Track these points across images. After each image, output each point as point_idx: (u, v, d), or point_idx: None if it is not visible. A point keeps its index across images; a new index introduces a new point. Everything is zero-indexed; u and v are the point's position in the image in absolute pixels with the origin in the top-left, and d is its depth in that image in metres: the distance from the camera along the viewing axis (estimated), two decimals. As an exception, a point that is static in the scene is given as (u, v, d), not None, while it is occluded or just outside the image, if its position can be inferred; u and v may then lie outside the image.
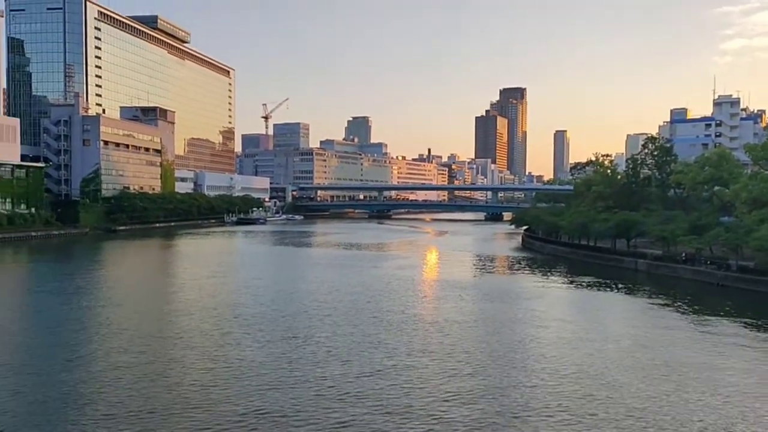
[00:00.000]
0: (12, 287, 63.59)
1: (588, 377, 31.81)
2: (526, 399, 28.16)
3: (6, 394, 28.04)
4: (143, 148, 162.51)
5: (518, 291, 61.06)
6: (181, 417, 25.56)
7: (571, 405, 27.58)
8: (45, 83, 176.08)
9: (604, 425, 25.41)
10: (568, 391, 29.32)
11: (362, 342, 38.18)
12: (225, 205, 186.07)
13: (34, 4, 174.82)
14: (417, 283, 65.32)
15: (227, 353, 35.54)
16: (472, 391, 29.26)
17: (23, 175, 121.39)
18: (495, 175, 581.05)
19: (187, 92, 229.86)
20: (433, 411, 26.54)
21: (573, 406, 27.51)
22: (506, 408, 27.06)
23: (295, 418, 25.61)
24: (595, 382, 30.99)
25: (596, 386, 30.28)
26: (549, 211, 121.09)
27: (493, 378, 31.36)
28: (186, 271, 75.68)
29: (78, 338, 39.14)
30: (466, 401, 27.80)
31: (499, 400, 27.96)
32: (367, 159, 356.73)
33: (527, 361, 34.74)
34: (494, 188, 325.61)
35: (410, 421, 25.47)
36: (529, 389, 29.60)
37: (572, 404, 27.70)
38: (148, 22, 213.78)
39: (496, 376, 31.74)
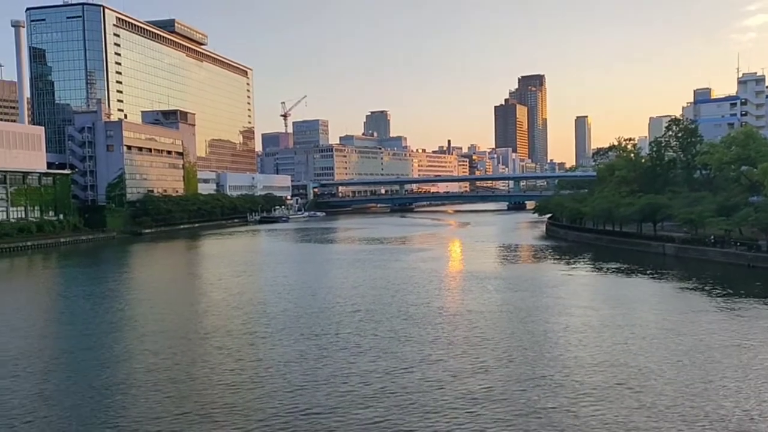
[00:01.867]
0: (44, 292, 64.85)
1: (617, 365, 31.46)
2: (555, 390, 27.85)
3: (40, 399, 28.57)
4: (165, 151, 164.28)
5: (543, 279, 60.62)
6: (213, 417, 25.64)
7: (601, 394, 27.28)
8: (67, 91, 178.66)
9: (636, 414, 25.03)
10: (597, 381, 28.96)
11: (389, 337, 38.19)
12: (247, 205, 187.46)
13: (55, 13, 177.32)
14: (441, 276, 65.20)
15: (256, 352, 35.80)
16: (501, 383, 29.08)
17: (50, 183, 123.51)
18: (516, 164, 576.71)
19: (206, 94, 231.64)
20: (463, 405, 26.40)
21: (603, 395, 27.20)
22: (535, 400, 26.81)
23: (327, 415, 25.53)
24: (624, 370, 30.61)
25: (626, 374, 29.91)
26: (572, 198, 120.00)
27: (521, 369, 31.17)
28: (212, 271, 76.46)
29: (109, 341, 39.77)
30: (495, 394, 27.61)
31: (528, 392, 27.70)
32: (387, 153, 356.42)
33: (555, 351, 34.50)
34: (516, 177, 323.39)
35: (441, 415, 25.36)
36: (557, 380, 29.30)
37: (602, 393, 27.40)
38: (165, 26, 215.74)
39: (524, 367, 31.55)
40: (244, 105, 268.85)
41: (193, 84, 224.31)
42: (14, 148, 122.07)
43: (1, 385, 30.41)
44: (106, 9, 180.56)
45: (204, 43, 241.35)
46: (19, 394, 29.04)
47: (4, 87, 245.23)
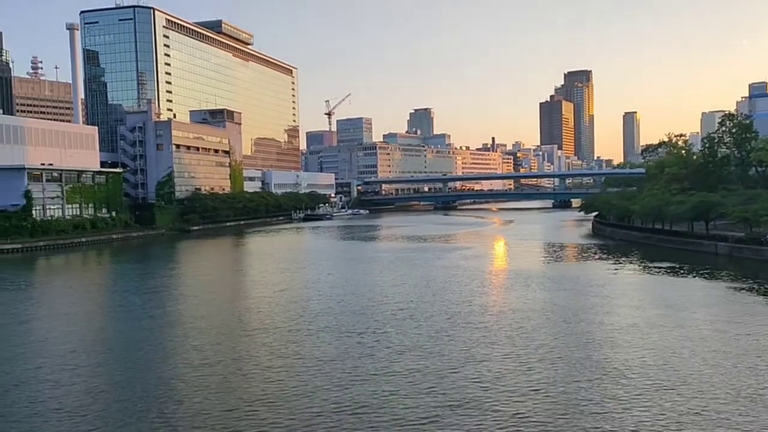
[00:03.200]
0: (97, 287, 67.10)
1: (665, 368, 30.66)
2: (601, 394, 27.31)
3: (90, 394, 29.47)
4: (212, 149, 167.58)
5: (589, 278, 59.49)
6: (258, 414, 25.85)
7: (649, 399, 26.58)
8: (119, 92, 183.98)
9: (685, 421, 24.31)
10: (644, 385, 28.20)
11: (432, 336, 38.11)
12: (292, 203, 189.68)
13: (107, 16, 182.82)
14: (484, 274, 64.71)
15: (299, 349, 36.14)
16: (546, 385, 28.63)
17: (103, 181, 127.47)
18: (562, 162, 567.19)
19: (252, 93, 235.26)
20: (508, 405, 26.16)
21: (650, 400, 26.50)
22: (580, 404, 26.35)
23: (373, 414, 25.47)
24: (672, 373, 29.78)
25: (674, 378, 29.11)
26: (620, 196, 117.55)
27: (566, 371, 30.68)
28: (257, 267, 77.72)
29: (157, 336, 40.88)
30: (539, 397, 27.25)
31: (573, 395, 27.23)
32: (431, 151, 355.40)
33: (601, 352, 33.83)
34: (561, 174, 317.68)
35: (486, 415, 25.22)
36: (603, 383, 28.69)
37: (649, 398, 26.70)
38: (212, 26, 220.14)
39: (569, 368, 31.06)
40: (289, 103, 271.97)
41: (239, 83, 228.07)
42: (70, 148, 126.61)
43: (56, 378, 31.61)
44: (156, 11, 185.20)
45: (250, 43, 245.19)
46: (73, 387, 30.11)
47: (60, 88, 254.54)
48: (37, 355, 35.68)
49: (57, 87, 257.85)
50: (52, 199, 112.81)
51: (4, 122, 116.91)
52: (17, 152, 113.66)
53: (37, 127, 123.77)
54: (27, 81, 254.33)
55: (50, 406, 27.13)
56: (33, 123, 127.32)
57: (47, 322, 45.48)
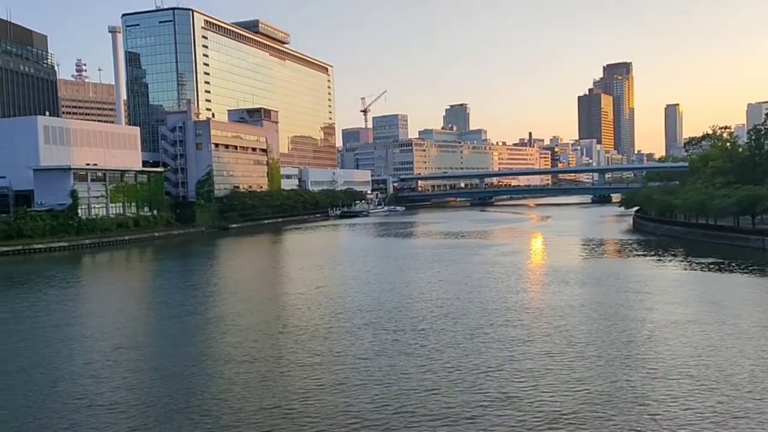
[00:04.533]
0: (141, 284, 68.91)
1: (707, 367, 30.01)
2: (641, 392, 26.86)
3: (132, 390, 30.33)
4: (250, 148, 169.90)
5: (630, 275, 58.46)
6: (299, 411, 26.03)
7: (689, 400, 26.02)
8: (160, 92, 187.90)
9: (731, 426, 23.77)
10: (685, 385, 27.68)
11: (471, 333, 37.99)
12: (328, 200, 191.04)
13: (148, 18, 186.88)
14: (521, 271, 64.18)
15: (339, 346, 36.37)
16: (586, 382, 28.32)
17: (145, 180, 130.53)
18: (601, 156, 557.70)
19: (288, 91, 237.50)
20: (549, 404, 25.97)
21: (691, 401, 25.94)
22: (620, 401, 26.02)
23: (415, 412, 25.36)
24: (714, 373, 29.13)
25: (715, 378, 28.45)
26: (662, 190, 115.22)
27: (606, 368, 30.31)
28: (294, 264, 78.59)
29: (196, 332, 41.77)
30: (580, 394, 26.99)
31: (613, 393, 26.89)
32: (467, 146, 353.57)
33: (640, 350, 33.29)
34: (600, 169, 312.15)
35: (527, 413, 25.10)
36: (642, 383, 28.22)
37: (690, 399, 26.15)
38: (250, 26, 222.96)
39: (609, 365, 30.67)
40: (325, 101, 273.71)
41: (276, 82, 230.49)
42: (113, 148, 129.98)
43: (98, 373, 32.61)
44: (194, 12, 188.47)
45: (286, 42, 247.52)
46: (113, 383, 31.02)
47: (104, 90, 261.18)
48: (86, 351, 36.85)
49: (100, 89, 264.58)
50: (96, 198, 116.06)
51: (50, 124, 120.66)
52: (63, 153, 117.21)
53: (82, 128, 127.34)
54: (72, 83, 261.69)
55: (95, 401, 28.00)
56: (78, 124, 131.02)
57: (94, 318, 46.94)
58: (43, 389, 29.65)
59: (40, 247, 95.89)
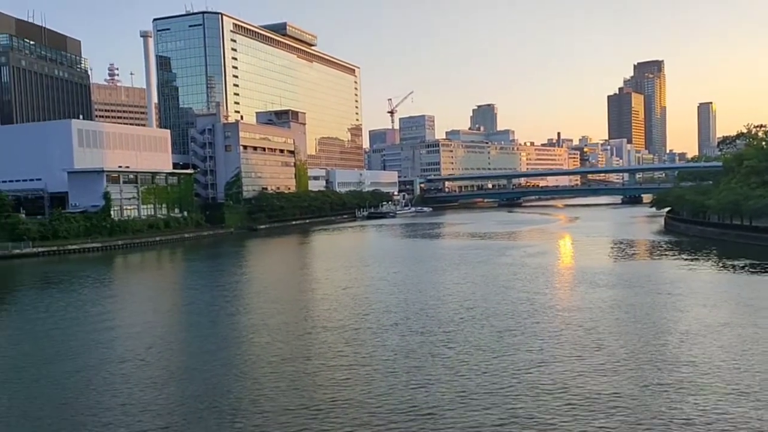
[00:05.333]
0: (172, 284, 70.04)
1: (740, 370, 29.40)
2: (673, 397, 26.46)
3: (164, 391, 30.86)
4: (278, 149, 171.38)
5: (661, 277, 57.55)
6: (327, 414, 26.04)
7: (721, 404, 25.57)
8: (190, 95, 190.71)
9: (764, 420, 23.33)
10: (717, 389, 27.20)
11: (499, 335, 37.77)
12: (356, 201, 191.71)
13: (178, 22, 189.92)
14: (549, 272, 63.60)
15: (367, 348, 36.43)
16: (618, 386, 28.02)
17: (176, 182, 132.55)
18: (631, 156, 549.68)
19: (315, 93, 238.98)
20: (578, 410, 25.71)
21: (723, 405, 25.49)
22: (651, 406, 25.67)
23: (445, 416, 25.19)
24: (746, 376, 28.55)
25: (748, 381, 27.88)
26: (694, 190, 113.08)
27: (637, 372, 29.89)
28: (322, 265, 79.00)
29: (229, 333, 42.33)
30: (611, 398, 26.67)
31: (645, 398, 26.55)
32: (494, 147, 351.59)
33: (673, 353, 32.77)
34: (631, 169, 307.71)
35: (555, 419, 24.91)
36: (674, 386, 27.79)
37: (722, 403, 25.69)
38: (277, 29, 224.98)
39: (640, 369, 30.24)
40: (351, 103, 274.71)
41: (303, 84, 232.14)
42: (144, 150, 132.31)
43: (131, 372, 33.24)
44: (223, 16, 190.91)
45: (314, 44, 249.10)
46: (144, 382, 31.59)
47: (135, 93, 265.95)
48: (119, 351, 37.59)
49: (132, 92, 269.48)
50: (128, 200, 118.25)
51: (84, 127, 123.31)
52: (96, 155, 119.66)
53: (114, 131, 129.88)
54: (104, 87, 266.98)
55: (128, 401, 28.54)
56: (110, 127, 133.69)
57: (127, 318, 47.80)
58: (78, 388, 30.35)
59: (74, 247, 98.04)
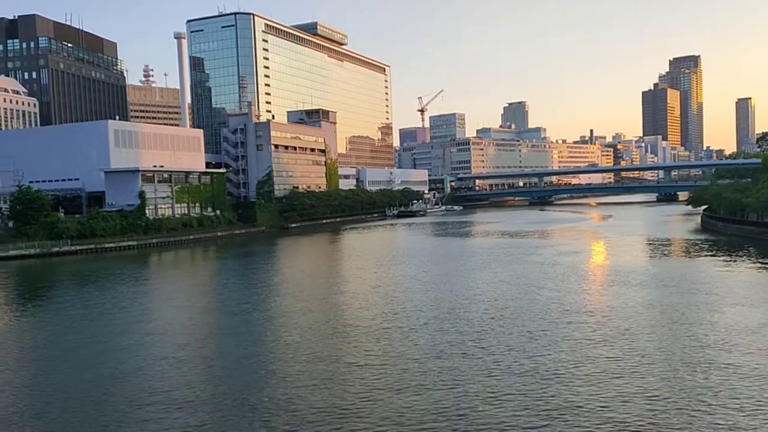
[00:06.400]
0: (206, 281, 71.08)
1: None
2: (710, 401, 26.04)
3: (198, 388, 31.37)
4: (309, 148, 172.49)
5: (697, 276, 56.39)
6: (362, 413, 26.19)
7: (759, 408, 25.02)
8: (222, 95, 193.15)
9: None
10: (756, 393, 26.62)
11: (531, 336, 37.53)
12: (386, 199, 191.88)
13: (211, 23, 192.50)
14: (582, 271, 62.81)
15: (399, 347, 36.52)
16: (653, 389, 27.66)
17: (209, 181, 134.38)
18: (666, 153, 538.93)
19: (346, 92, 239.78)
20: (612, 413, 25.47)
21: (762, 409, 24.92)
22: (689, 410, 25.27)
23: (476, 418, 25.18)
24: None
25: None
26: (732, 188, 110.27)
27: (673, 374, 29.46)
28: (353, 263, 79.29)
29: (261, 331, 42.81)
30: (646, 401, 26.39)
31: (681, 401, 26.22)
32: (526, 145, 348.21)
33: (709, 355, 32.13)
34: (666, 166, 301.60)
35: (588, 422, 24.72)
36: (712, 389, 27.35)
37: (759, 407, 25.12)
38: (308, 29, 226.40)
39: (675, 371, 29.79)
40: (382, 101, 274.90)
41: (334, 83, 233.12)
42: (178, 150, 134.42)
43: (166, 369, 33.90)
44: (255, 17, 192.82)
45: (344, 43, 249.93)
46: (178, 379, 32.20)
47: (169, 94, 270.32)
48: (154, 348, 38.40)
49: (166, 93, 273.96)
50: (162, 199, 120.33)
51: (120, 128, 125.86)
52: (132, 155, 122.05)
53: (149, 132, 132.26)
54: (139, 88, 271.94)
55: (163, 398, 29.15)
56: (145, 127, 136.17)
57: (162, 315, 48.76)
58: (114, 383, 31.04)
59: (110, 245, 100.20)
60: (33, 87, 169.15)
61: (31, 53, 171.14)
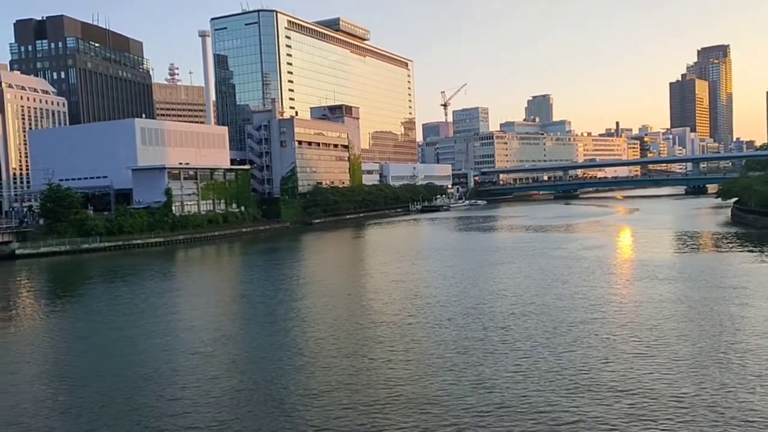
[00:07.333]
0: (233, 278, 71.87)
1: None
2: (740, 399, 25.69)
3: (225, 383, 31.70)
4: (332, 144, 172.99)
5: (727, 270, 55.38)
6: (386, 409, 26.06)
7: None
8: (246, 92, 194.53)
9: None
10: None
11: (557, 332, 37.27)
12: (409, 194, 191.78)
13: (234, 21, 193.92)
14: (607, 265, 62.05)
15: (425, 343, 36.54)
16: (685, 386, 27.39)
17: (233, 178, 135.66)
18: (695, 145, 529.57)
19: (368, 87, 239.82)
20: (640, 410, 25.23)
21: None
22: (717, 409, 24.92)
23: (503, 415, 25.03)
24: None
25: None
26: (763, 180, 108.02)
27: (704, 371, 29.10)
28: (378, 259, 79.41)
29: (286, 327, 43.07)
30: (672, 399, 26.10)
31: (712, 399, 25.88)
32: (550, 138, 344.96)
33: (740, 351, 31.59)
34: (694, 159, 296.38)
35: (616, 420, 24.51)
36: (743, 387, 26.91)
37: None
38: (331, 24, 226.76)
39: (705, 369, 29.39)
40: (405, 96, 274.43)
41: (356, 78, 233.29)
42: (203, 147, 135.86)
43: (195, 365, 34.30)
44: (278, 13, 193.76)
45: (366, 39, 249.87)
46: (205, 374, 32.59)
47: (194, 92, 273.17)
48: (182, 343, 38.97)
49: (191, 91, 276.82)
50: (188, 196, 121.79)
51: (146, 126, 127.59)
52: (158, 153, 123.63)
53: (175, 129, 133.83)
54: (165, 86, 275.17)
55: (194, 393, 29.57)
56: (171, 125, 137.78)
57: (189, 311, 49.42)
58: (144, 378, 31.57)
59: (138, 242, 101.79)
60: (62, 86, 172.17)
61: (60, 53, 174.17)
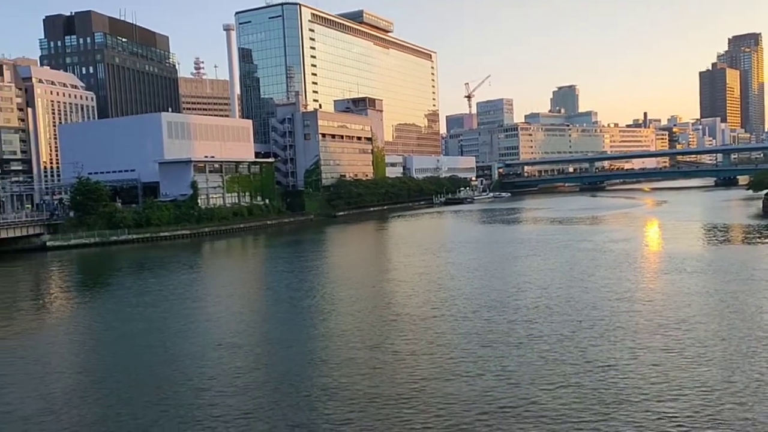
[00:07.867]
0: (258, 270, 72.53)
1: None
2: None
3: (250, 376, 32.00)
4: (356, 137, 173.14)
5: (758, 263, 54.28)
6: (411, 402, 26.10)
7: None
8: (270, 86, 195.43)
9: None
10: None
11: (583, 325, 36.98)
12: (433, 187, 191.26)
13: (258, 15, 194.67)
14: (634, 258, 61.22)
15: (448, 336, 36.54)
16: (707, 383, 27.01)
17: (258, 171, 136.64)
18: (726, 135, 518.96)
19: (392, 80, 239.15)
20: (666, 406, 24.96)
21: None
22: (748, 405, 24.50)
23: (526, 409, 25.00)
24: None
25: None
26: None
27: (734, 367, 28.61)
28: (401, 251, 79.35)
29: (310, 319, 43.33)
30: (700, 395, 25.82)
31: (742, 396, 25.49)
32: (576, 129, 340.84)
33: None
34: (724, 149, 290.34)
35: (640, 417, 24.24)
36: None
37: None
38: (354, 17, 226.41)
39: (735, 366, 28.89)
40: (428, 88, 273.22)
41: (380, 71, 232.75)
42: (228, 141, 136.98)
43: (218, 355, 34.69)
44: (302, 7, 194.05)
45: (390, 31, 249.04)
46: (231, 366, 32.92)
47: (219, 85, 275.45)
48: (209, 335, 39.44)
49: (216, 84, 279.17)
50: (214, 189, 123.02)
51: (173, 119, 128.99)
52: (184, 146, 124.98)
53: (200, 123, 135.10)
54: (191, 80, 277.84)
55: (220, 383, 29.94)
56: (197, 119, 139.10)
57: (216, 302, 49.96)
58: (172, 369, 32.04)
59: (165, 234, 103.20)
60: (90, 81, 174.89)
61: (88, 48, 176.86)
